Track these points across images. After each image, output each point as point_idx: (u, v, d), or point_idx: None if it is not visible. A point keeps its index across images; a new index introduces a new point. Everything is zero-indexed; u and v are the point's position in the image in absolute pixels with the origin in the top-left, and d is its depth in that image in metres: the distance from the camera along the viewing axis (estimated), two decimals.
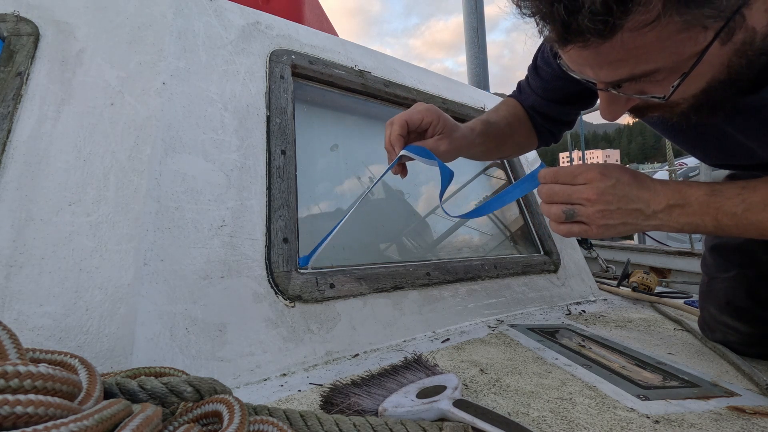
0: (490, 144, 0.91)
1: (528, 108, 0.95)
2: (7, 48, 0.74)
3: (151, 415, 0.35)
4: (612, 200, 0.60)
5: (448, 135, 0.80)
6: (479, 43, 3.07)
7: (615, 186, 0.60)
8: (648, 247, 2.09)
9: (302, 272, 0.79)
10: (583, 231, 0.63)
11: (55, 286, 0.61)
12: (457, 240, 1.31)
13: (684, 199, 0.59)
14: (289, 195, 0.83)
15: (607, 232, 0.62)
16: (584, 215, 0.61)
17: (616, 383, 0.63)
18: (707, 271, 0.90)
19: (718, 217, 0.57)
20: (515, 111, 0.95)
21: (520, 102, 0.96)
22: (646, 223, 0.61)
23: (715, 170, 1.92)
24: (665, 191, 0.60)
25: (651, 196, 0.60)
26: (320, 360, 0.73)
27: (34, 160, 0.68)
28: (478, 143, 0.87)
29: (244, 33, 0.93)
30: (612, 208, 0.60)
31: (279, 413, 0.45)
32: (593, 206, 0.60)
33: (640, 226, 0.62)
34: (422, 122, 0.79)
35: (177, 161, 0.72)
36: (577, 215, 0.62)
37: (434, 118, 0.79)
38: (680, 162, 4.94)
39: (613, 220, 0.60)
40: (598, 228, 0.62)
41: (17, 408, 0.28)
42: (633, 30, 0.43)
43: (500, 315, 1.04)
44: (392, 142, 0.79)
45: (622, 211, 0.60)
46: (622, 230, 0.62)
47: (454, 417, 0.48)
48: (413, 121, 0.79)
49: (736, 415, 0.55)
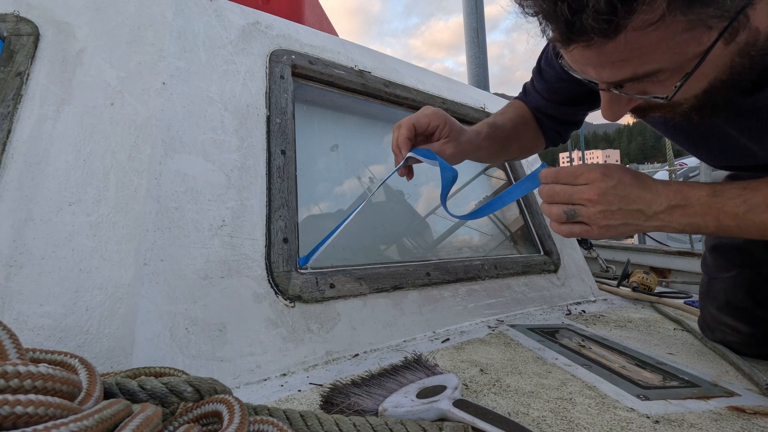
0: (496, 147, 0.91)
1: (534, 110, 0.95)
2: (7, 48, 0.74)
3: (151, 415, 0.35)
4: (613, 201, 0.60)
5: (454, 138, 0.81)
6: (479, 43, 3.07)
7: (616, 186, 0.60)
8: (648, 247, 2.09)
9: (302, 272, 0.79)
10: (584, 231, 0.63)
11: (55, 286, 0.61)
12: (457, 240, 1.31)
13: (685, 200, 0.58)
14: (289, 195, 0.84)
15: (609, 232, 0.62)
16: (585, 216, 0.61)
17: (616, 383, 0.63)
18: (707, 271, 0.90)
19: (720, 218, 0.57)
20: (521, 113, 0.95)
21: (525, 103, 0.96)
22: (647, 224, 0.61)
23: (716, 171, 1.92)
24: (666, 192, 0.59)
25: (652, 196, 0.60)
26: (320, 360, 0.73)
27: (34, 160, 0.68)
28: (484, 146, 0.87)
29: (244, 33, 0.93)
30: (613, 208, 0.60)
31: (279, 413, 0.45)
32: (594, 207, 0.60)
33: (642, 227, 0.61)
34: (429, 125, 0.80)
35: (177, 161, 0.72)
36: (578, 215, 0.62)
37: (441, 121, 0.80)
38: (680, 162, 4.94)
39: (614, 220, 0.60)
40: (599, 229, 0.61)
41: (17, 408, 0.28)
42: (637, 29, 0.43)
43: (500, 315, 1.04)
44: (399, 145, 0.80)
45: (623, 212, 0.60)
46: (623, 231, 0.62)
47: (454, 417, 0.48)
48: (420, 124, 0.80)
49: (736, 415, 0.55)
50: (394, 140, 0.81)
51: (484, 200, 1.43)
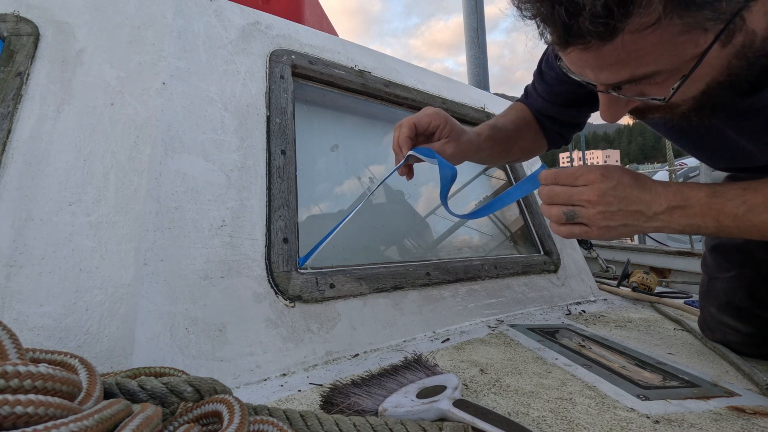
0: (497, 148, 0.91)
1: (535, 112, 0.95)
2: (7, 48, 0.74)
3: (151, 415, 0.35)
4: (613, 202, 0.60)
5: (455, 139, 0.81)
6: (479, 43, 3.07)
7: (616, 187, 0.60)
8: (648, 247, 2.09)
9: (302, 272, 0.79)
10: (583, 232, 0.63)
11: (55, 286, 0.61)
12: (457, 240, 1.31)
13: (685, 201, 0.59)
14: (289, 195, 0.84)
15: (608, 233, 0.62)
16: (585, 217, 0.62)
17: (616, 383, 0.63)
18: (707, 271, 0.90)
19: (720, 219, 0.57)
20: (523, 115, 0.96)
21: (527, 106, 0.96)
22: (647, 225, 0.61)
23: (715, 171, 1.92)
24: (666, 193, 0.60)
25: (652, 197, 0.60)
26: (320, 360, 0.73)
27: (34, 160, 0.68)
28: (485, 148, 0.88)
29: (244, 33, 0.93)
30: (613, 209, 0.60)
31: (279, 413, 0.45)
32: (594, 208, 0.60)
33: (641, 228, 0.61)
34: (430, 125, 0.80)
35: (177, 161, 0.72)
36: (578, 216, 0.62)
37: (442, 121, 0.80)
38: (680, 162, 4.94)
39: (613, 221, 0.60)
40: (599, 230, 0.62)
41: (17, 408, 0.28)
42: (634, 32, 0.43)
43: (500, 315, 1.04)
44: (400, 144, 0.80)
45: (623, 213, 0.60)
46: (622, 232, 0.62)
47: (454, 417, 0.48)
48: (421, 124, 0.80)
49: (736, 415, 0.55)
50: (395, 139, 0.81)
51: (485, 200, 1.43)
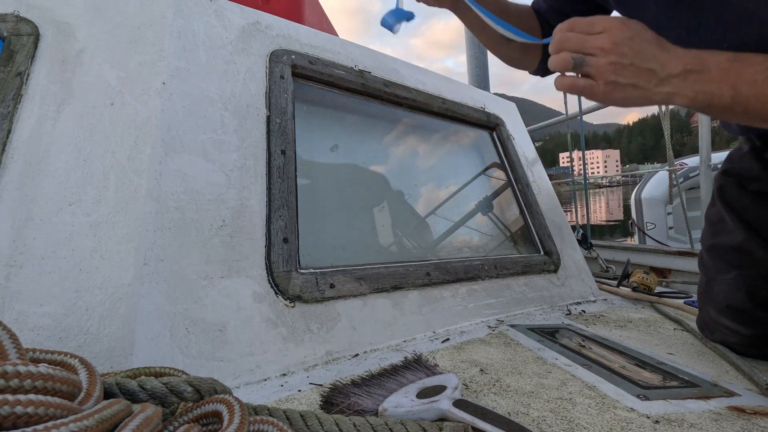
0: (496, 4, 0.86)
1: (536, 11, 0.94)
2: (7, 48, 0.74)
3: (151, 415, 0.35)
4: (627, 53, 0.56)
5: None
6: (479, 43, 3.07)
7: (633, 39, 0.57)
8: (648, 247, 2.09)
9: (302, 272, 0.79)
10: (588, 86, 0.58)
11: (55, 286, 0.61)
12: (457, 240, 1.31)
13: (702, 65, 0.55)
14: (289, 195, 0.84)
15: (614, 92, 0.58)
16: (594, 66, 0.57)
17: (616, 383, 0.63)
18: (705, 272, 0.88)
19: (737, 85, 0.53)
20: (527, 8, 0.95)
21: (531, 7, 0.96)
22: (657, 89, 0.57)
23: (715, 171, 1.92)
24: (685, 55, 0.56)
25: (669, 57, 0.56)
26: (320, 360, 0.73)
27: (34, 160, 0.68)
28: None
29: (244, 33, 0.93)
30: (625, 62, 0.56)
31: (279, 413, 0.45)
32: (606, 57, 0.56)
33: (650, 93, 0.58)
34: None
35: (177, 161, 0.72)
36: (587, 65, 0.58)
37: None
38: (680, 162, 4.92)
39: (623, 77, 0.57)
40: (605, 84, 0.57)
41: (17, 408, 0.28)
42: None
43: (500, 315, 1.04)
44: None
45: (635, 68, 0.56)
46: (629, 94, 0.57)
47: (454, 417, 0.48)
48: None
49: (736, 415, 0.55)
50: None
51: (484, 200, 1.43)
